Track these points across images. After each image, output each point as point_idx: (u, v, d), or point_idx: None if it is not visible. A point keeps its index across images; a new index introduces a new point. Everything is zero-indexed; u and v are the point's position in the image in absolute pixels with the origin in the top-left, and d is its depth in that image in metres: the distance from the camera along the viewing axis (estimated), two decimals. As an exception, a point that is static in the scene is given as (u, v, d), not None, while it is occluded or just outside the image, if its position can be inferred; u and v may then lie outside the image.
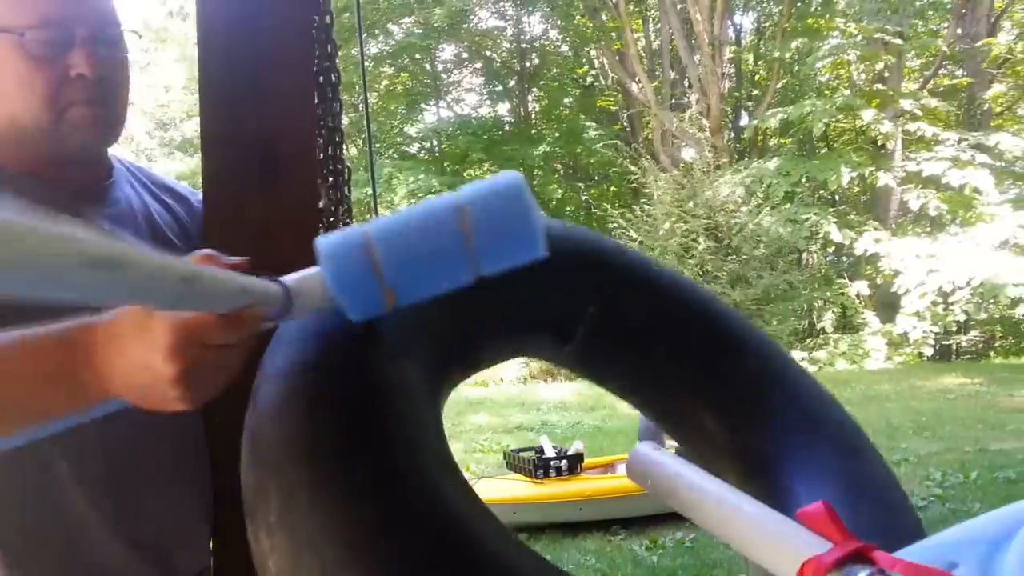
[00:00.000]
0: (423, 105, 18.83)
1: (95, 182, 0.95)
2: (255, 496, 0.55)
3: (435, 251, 0.57)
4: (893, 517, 0.79)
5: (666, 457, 0.62)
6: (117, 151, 1.00)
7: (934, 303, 12.23)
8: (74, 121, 0.90)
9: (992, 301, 12.18)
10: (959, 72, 15.20)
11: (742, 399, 0.88)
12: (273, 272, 0.85)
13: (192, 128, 16.22)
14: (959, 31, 14.15)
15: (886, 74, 14.51)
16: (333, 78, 0.90)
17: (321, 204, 0.91)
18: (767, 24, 17.42)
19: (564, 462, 4.66)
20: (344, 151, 0.92)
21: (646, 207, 12.95)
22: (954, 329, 12.74)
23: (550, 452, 4.75)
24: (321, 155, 0.90)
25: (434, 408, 0.67)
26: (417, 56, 17.91)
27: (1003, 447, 5.93)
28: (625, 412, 8.47)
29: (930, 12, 14.89)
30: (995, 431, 6.56)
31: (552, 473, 4.59)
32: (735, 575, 3.54)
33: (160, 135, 16.57)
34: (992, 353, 13.44)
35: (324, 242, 0.58)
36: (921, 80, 14.94)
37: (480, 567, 0.50)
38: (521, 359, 12.56)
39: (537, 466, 4.58)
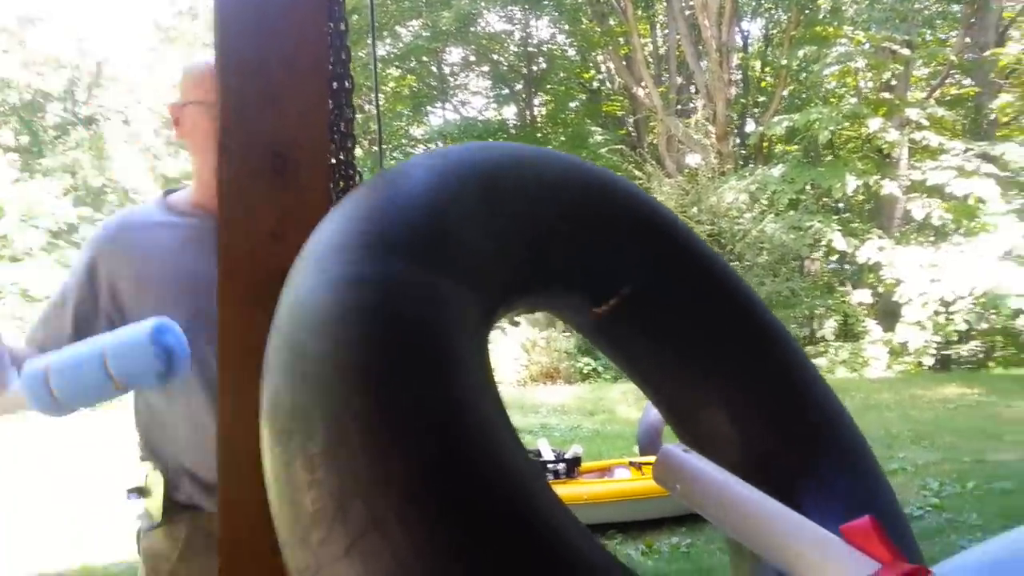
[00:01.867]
0: (429, 107, 18.86)
1: None
2: (293, 418, 0.49)
3: (88, 382, 0.96)
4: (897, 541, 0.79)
5: (700, 461, 0.58)
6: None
7: (936, 312, 12.22)
8: None
9: (993, 311, 12.16)
10: (967, 81, 15.19)
11: (765, 407, 0.84)
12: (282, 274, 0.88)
13: (198, 126, 16.23)
14: (967, 40, 14.15)
15: (893, 83, 14.50)
16: (347, 84, 0.92)
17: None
18: (775, 31, 17.42)
19: (562, 465, 4.67)
20: (355, 156, 0.94)
21: (650, 212, 12.94)
22: (955, 339, 12.72)
23: (548, 455, 4.77)
24: (333, 160, 0.92)
25: (486, 344, 0.62)
26: (424, 59, 17.94)
27: (1001, 458, 5.93)
28: (624, 417, 8.47)
29: (939, 21, 14.89)
30: (993, 442, 6.56)
31: (550, 476, 4.60)
32: (732, 581, 3.55)
33: (166, 133, 16.60)
34: (992, 363, 13.42)
35: (28, 366, 0.97)
36: (928, 89, 14.93)
37: (544, 526, 0.45)
38: (521, 361, 12.50)
39: (536, 469, 4.59)
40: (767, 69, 17.14)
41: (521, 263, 0.71)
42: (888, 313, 12.87)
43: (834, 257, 14.05)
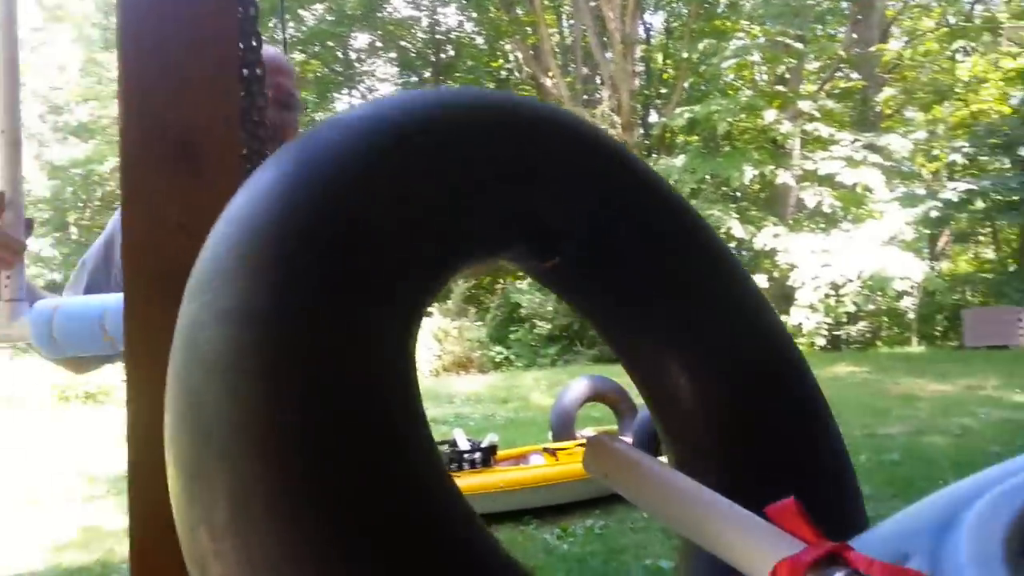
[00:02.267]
0: (335, 93, 18.48)
1: None
2: (193, 479, 0.44)
3: (84, 329, 1.04)
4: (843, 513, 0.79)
5: (629, 449, 0.57)
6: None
7: (827, 296, 12.88)
8: None
9: (879, 294, 12.92)
10: (854, 75, 16.00)
11: (724, 362, 0.79)
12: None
13: (87, 112, 15.38)
14: (854, 36, 14.90)
15: (787, 76, 15.13)
16: (258, 71, 0.89)
17: (243, 198, 0.89)
18: (676, 24, 17.87)
19: (478, 455, 4.69)
20: (269, 146, 0.91)
21: (559, 201, 13.10)
22: (845, 320, 13.45)
23: (464, 445, 4.77)
24: (245, 150, 0.89)
25: (413, 352, 0.54)
26: (329, 43, 17.54)
27: (889, 431, 6.31)
28: (537, 403, 8.57)
29: (828, 17, 15.62)
30: (881, 417, 6.97)
31: (466, 466, 4.61)
32: (641, 559, 3.65)
33: (53, 119, 15.63)
34: (879, 343, 14.26)
35: (41, 303, 1.07)
36: (819, 82, 15.66)
37: None
38: (434, 351, 12.48)
39: (451, 459, 4.58)
40: (669, 61, 17.58)
41: (453, 229, 0.61)
42: (783, 297, 13.48)
43: (732, 244, 14.59)
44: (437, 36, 18.58)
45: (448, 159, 0.60)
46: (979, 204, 13.71)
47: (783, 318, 13.21)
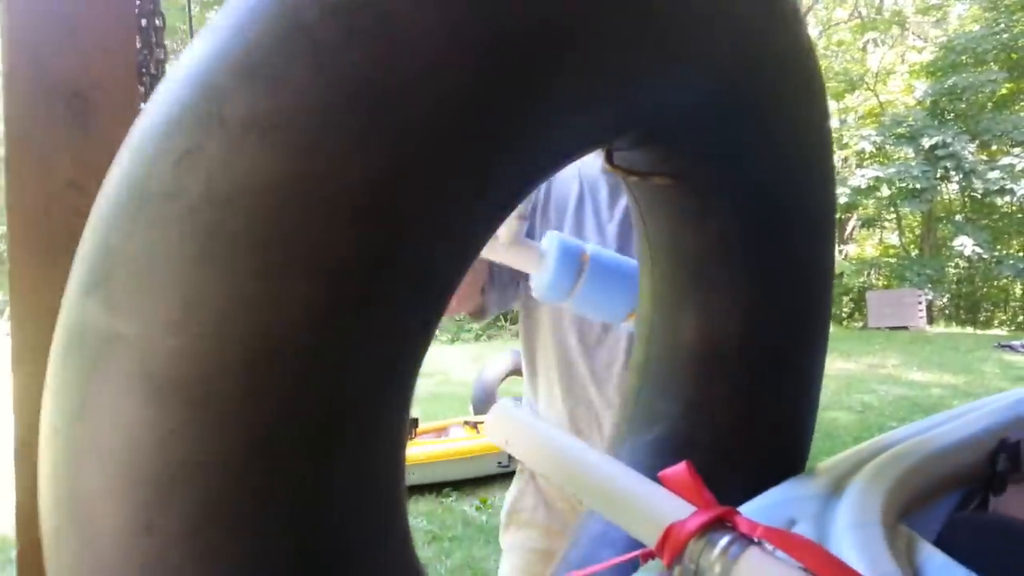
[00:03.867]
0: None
1: None
2: None
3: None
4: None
5: (528, 416, 0.56)
6: None
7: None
8: None
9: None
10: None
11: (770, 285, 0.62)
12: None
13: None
14: (773, 25, 15.32)
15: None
16: (157, 22, 0.85)
17: (141, 157, 0.85)
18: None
19: (398, 428, 4.68)
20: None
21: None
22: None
23: (384, 418, 4.76)
24: (141, 105, 0.85)
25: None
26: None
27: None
28: (458, 378, 8.59)
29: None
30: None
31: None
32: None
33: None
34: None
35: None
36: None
37: None
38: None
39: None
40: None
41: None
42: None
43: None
44: None
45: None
46: (884, 191, 14.36)
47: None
